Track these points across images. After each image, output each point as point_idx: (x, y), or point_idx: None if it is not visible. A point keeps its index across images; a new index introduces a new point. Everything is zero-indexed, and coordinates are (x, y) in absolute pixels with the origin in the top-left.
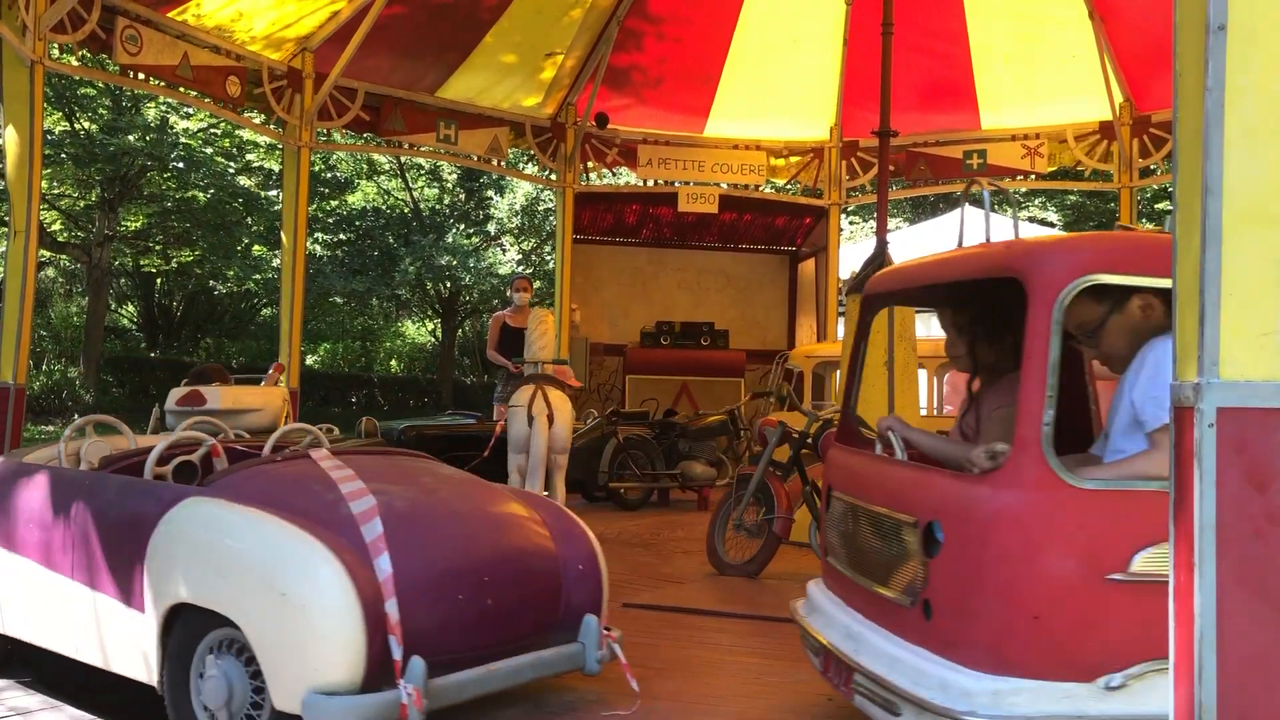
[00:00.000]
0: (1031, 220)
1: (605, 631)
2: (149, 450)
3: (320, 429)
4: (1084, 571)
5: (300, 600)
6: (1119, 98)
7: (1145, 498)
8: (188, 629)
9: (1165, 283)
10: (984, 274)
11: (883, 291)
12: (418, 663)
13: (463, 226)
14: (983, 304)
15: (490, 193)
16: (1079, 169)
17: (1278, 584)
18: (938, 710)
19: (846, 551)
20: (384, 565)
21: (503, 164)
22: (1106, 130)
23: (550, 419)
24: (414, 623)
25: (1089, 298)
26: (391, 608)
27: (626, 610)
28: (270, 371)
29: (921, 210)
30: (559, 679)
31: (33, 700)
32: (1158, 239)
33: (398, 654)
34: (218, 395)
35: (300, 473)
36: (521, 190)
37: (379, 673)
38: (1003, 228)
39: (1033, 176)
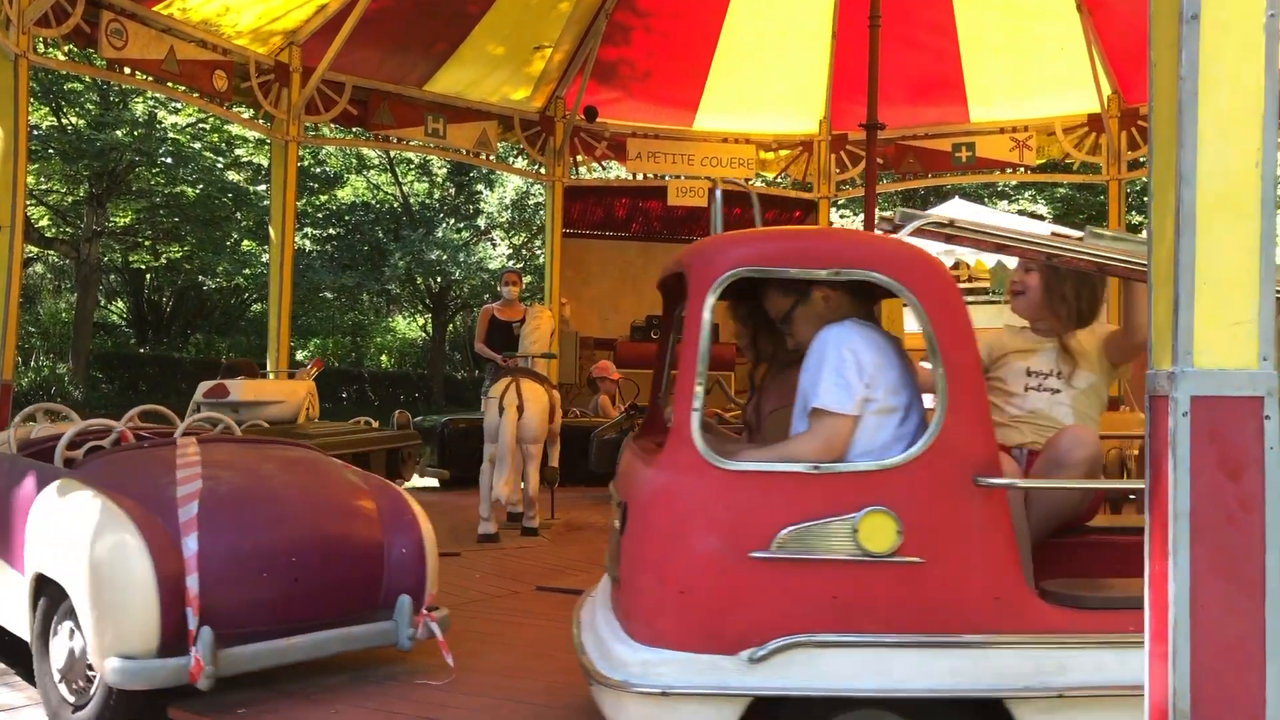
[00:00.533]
0: (1021, 213)
1: (426, 612)
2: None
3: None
4: (728, 549)
5: (109, 573)
6: (1107, 90)
7: (787, 479)
8: (49, 597)
9: (818, 274)
10: (675, 269)
11: (670, 278)
12: (206, 632)
13: (452, 221)
14: (759, 297)
15: (480, 187)
16: (1068, 161)
17: (1251, 570)
18: (600, 678)
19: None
20: (190, 544)
21: (492, 158)
22: (1095, 123)
23: (520, 409)
24: (214, 597)
25: (779, 290)
26: (192, 583)
27: (539, 593)
28: (309, 366)
29: (911, 203)
30: (390, 654)
31: (17, 696)
32: (814, 233)
33: (193, 624)
34: (240, 388)
35: (154, 459)
36: (511, 184)
37: (175, 641)
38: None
39: (1021, 169)
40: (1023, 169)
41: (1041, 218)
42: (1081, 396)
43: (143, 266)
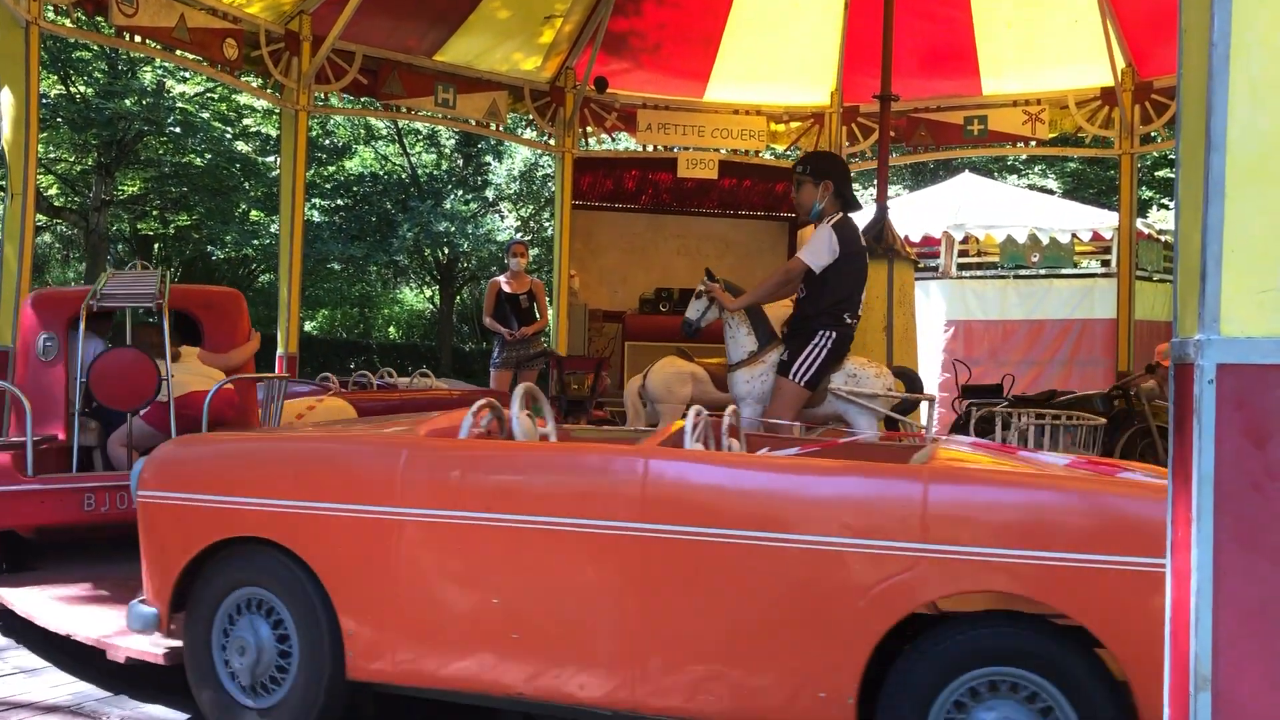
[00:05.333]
0: (1032, 188)
1: None
2: None
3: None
4: None
5: None
6: (1121, 64)
7: None
8: None
9: None
10: None
11: None
12: None
13: (461, 192)
14: None
15: (489, 158)
16: (1080, 135)
17: (1274, 537)
18: None
19: None
20: None
21: (501, 128)
22: (1108, 96)
23: None
24: None
25: None
26: None
27: None
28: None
29: (922, 177)
30: None
31: (37, 660)
32: None
33: None
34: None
35: None
36: (520, 155)
37: None
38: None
39: (1033, 143)
40: (1034, 143)
41: (1051, 192)
42: None
43: (151, 234)
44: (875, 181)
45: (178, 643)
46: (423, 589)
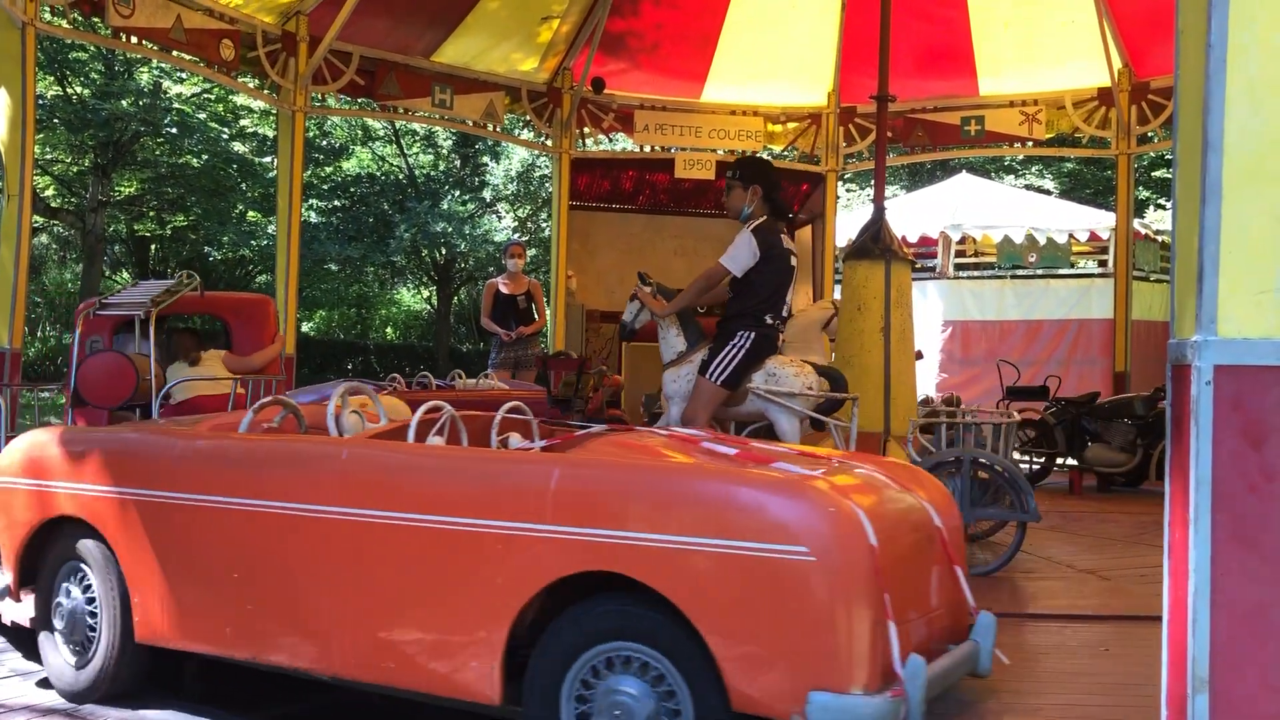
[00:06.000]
0: (1029, 188)
1: None
2: None
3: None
4: None
5: None
6: (1118, 64)
7: None
8: None
9: None
10: None
11: None
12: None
13: (458, 193)
14: None
15: (486, 159)
16: (1077, 135)
17: (1272, 539)
18: None
19: None
20: None
21: (498, 129)
22: (1105, 97)
23: None
24: None
25: None
26: None
27: None
28: None
29: (919, 177)
30: None
31: (33, 664)
32: None
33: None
34: None
35: None
36: (517, 156)
37: None
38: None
39: (1030, 143)
40: (1031, 143)
41: (1049, 192)
42: None
43: (148, 235)
44: (873, 182)
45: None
46: (185, 564)
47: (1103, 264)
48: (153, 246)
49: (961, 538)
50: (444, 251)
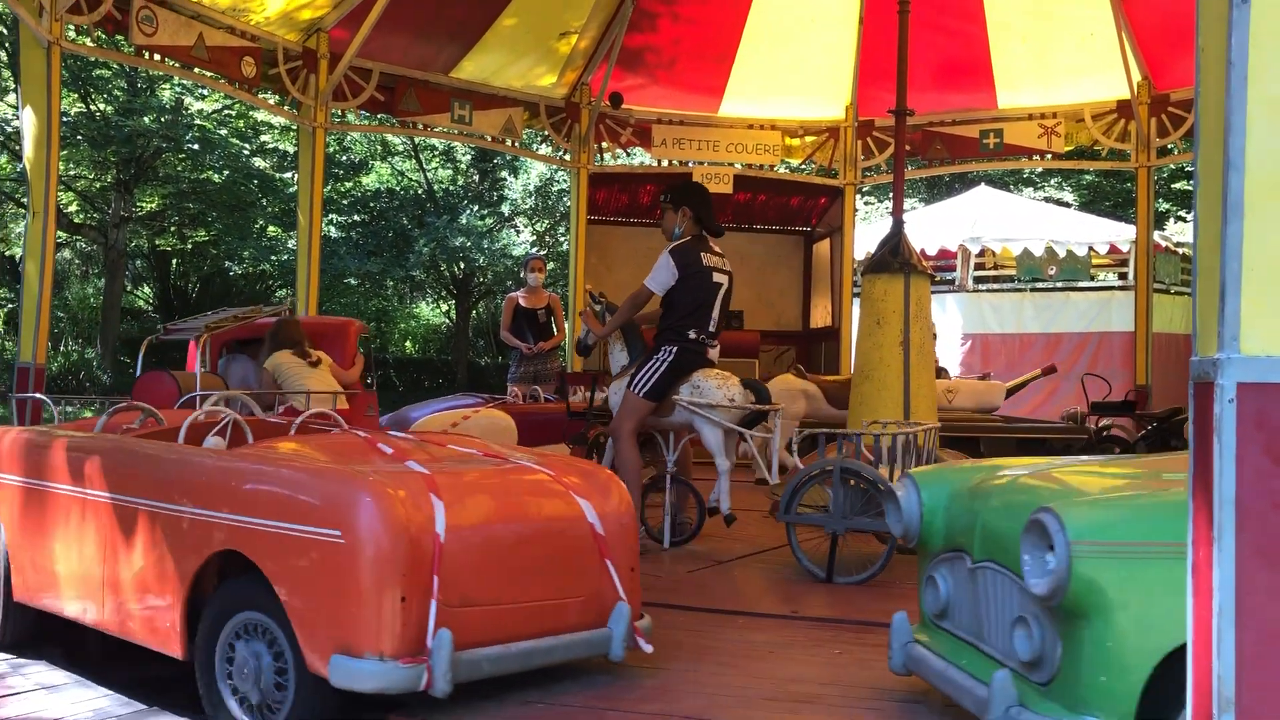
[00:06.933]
0: (1048, 200)
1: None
2: None
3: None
4: None
5: None
6: (1137, 76)
7: None
8: None
9: None
10: None
11: None
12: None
13: (476, 208)
14: None
15: (504, 174)
16: (1096, 148)
17: None
18: None
19: None
20: None
21: (517, 144)
22: (1124, 109)
23: None
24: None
25: None
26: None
27: None
28: None
29: (937, 190)
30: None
31: (58, 675)
32: None
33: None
34: None
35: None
36: (535, 171)
37: None
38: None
39: (1049, 156)
40: (1050, 156)
41: (1068, 204)
42: None
43: (169, 250)
44: (891, 195)
45: None
46: (39, 538)
47: (1123, 276)
48: (174, 261)
49: (629, 536)
50: (463, 266)
